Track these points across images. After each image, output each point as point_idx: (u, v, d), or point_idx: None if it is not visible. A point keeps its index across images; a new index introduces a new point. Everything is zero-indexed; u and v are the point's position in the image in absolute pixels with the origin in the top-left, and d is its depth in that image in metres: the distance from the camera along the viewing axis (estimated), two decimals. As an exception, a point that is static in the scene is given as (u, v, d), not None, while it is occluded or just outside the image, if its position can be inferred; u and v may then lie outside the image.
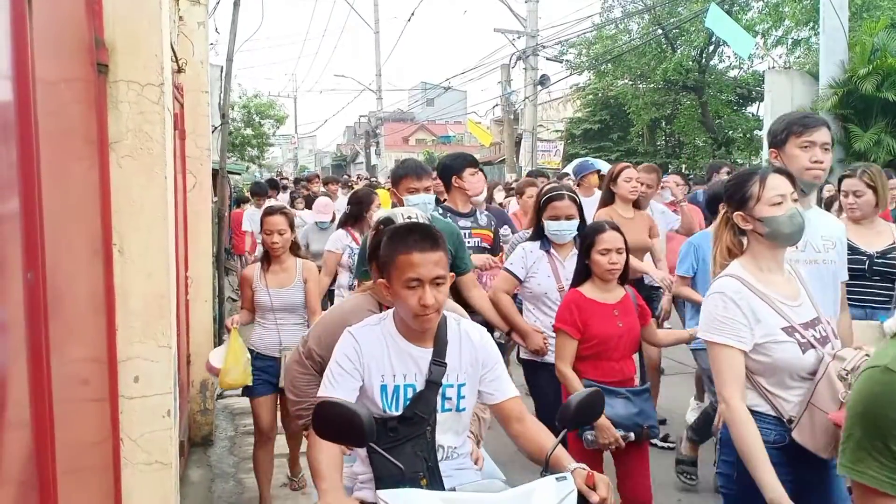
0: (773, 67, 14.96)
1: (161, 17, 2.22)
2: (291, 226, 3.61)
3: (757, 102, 19.46)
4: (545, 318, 3.34)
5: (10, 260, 1.39)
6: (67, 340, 1.80)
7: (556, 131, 24.11)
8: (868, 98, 10.09)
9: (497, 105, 19.15)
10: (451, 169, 3.75)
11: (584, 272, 2.97)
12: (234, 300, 9.22)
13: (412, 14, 19.41)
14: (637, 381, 3.00)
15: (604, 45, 18.88)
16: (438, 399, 1.88)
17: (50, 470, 1.51)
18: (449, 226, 3.41)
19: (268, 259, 3.63)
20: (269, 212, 3.63)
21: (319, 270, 4.23)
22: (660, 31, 17.95)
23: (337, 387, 1.84)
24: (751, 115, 20.08)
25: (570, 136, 22.77)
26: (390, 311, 1.95)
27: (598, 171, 5.98)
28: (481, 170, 4.20)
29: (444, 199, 6.23)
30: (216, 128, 6.05)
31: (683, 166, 19.05)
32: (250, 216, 7.80)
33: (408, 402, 1.86)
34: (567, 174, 7.56)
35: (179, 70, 3.84)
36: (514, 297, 3.59)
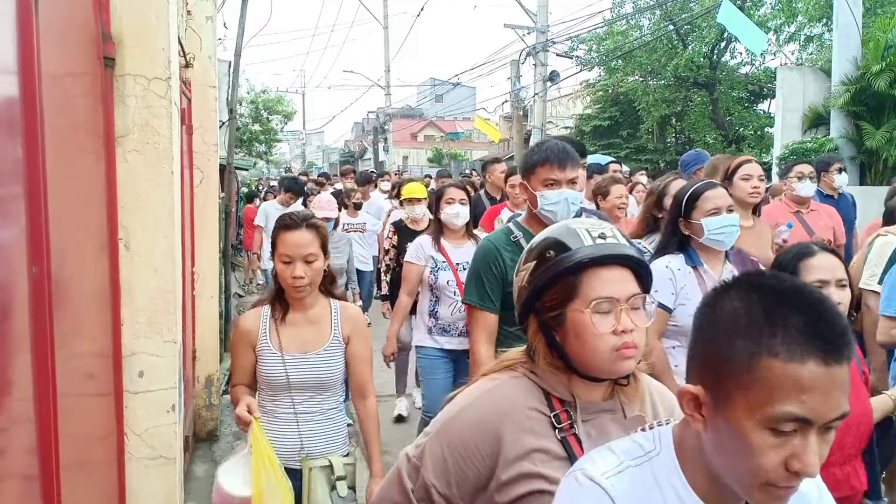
0: (786, 64, 14.83)
1: (168, 10, 2.21)
2: (325, 248, 2.19)
3: (768, 99, 19.32)
4: None
5: (16, 254, 1.39)
6: (72, 335, 1.79)
7: (566, 128, 24.03)
8: (881, 95, 9.98)
9: (506, 101, 19.07)
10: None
11: None
12: (241, 296, 9.22)
13: (421, 9, 19.35)
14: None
15: (614, 40, 18.77)
16: None
17: (53, 464, 1.51)
18: None
19: (282, 303, 2.20)
20: (289, 224, 2.17)
21: None
22: (671, 27, 17.82)
23: None
24: (762, 112, 19.93)
25: (579, 133, 22.67)
26: (662, 436, 1.00)
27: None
28: (582, 164, 3.04)
29: (484, 187, 5.62)
30: (224, 123, 6.05)
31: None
32: (265, 210, 7.15)
33: None
34: (608, 165, 6.38)
35: (187, 65, 3.83)
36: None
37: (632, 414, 1.23)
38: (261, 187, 17.43)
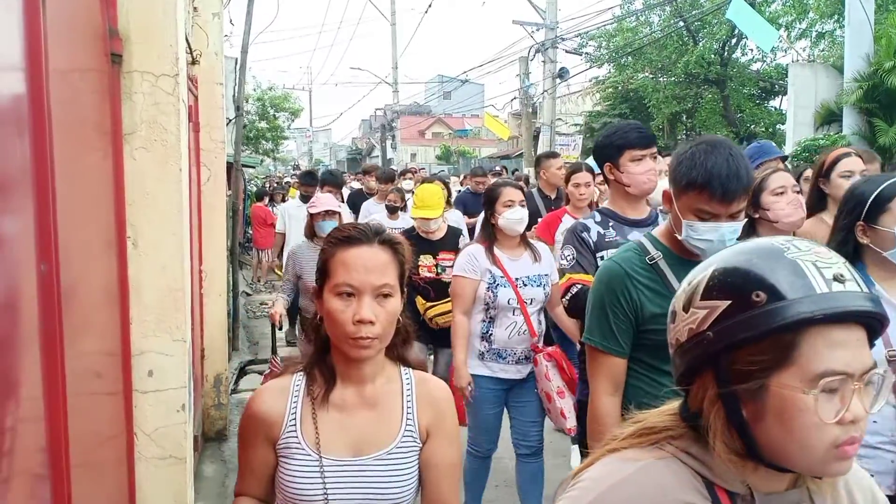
0: (797, 60, 14.72)
1: (176, 6, 2.19)
2: (403, 279, 1.40)
3: (780, 96, 19.21)
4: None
5: (24, 251, 1.37)
6: (81, 334, 1.78)
7: (575, 125, 23.96)
8: (893, 92, 9.89)
9: (515, 98, 19.01)
10: (605, 153, 2.48)
11: None
12: (249, 294, 9.25)
13: (429, 5, 19.30)
14: None
15: (624, 37, 18.70)
16: None
17: (63, 463, 1.50)
18: None
19: (326, 371, 1.40)
20: (353, 236, 1.37)
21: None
22: (681, 24, 17.72)
23: None
24: (773, 108, 19.83)
25: (589, 130, 22.60)
26: None
27: (784, 158, 4.29)
28: (658, 151, 2.64)
29: (535, 187, 4.90)
30: (230, 120, 6.05)
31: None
32: (286, 212, 6.10)
33: None
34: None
35: (194, 61, 3.82)
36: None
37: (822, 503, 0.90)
38: (267, 185, 17.36)
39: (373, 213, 6.04)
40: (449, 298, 3.81)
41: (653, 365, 1.83)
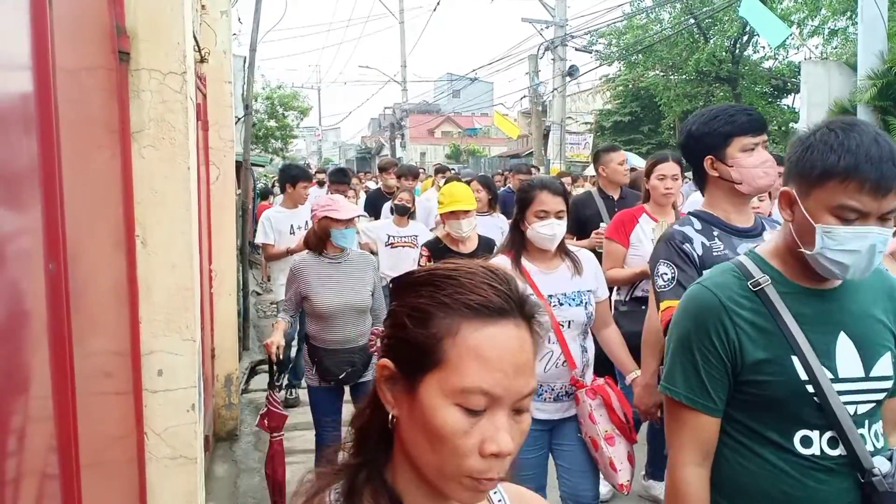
0: (810, 58, 14.58)
1: (183, 4, 2.18)
2: None
3: (792, 94, 19.05)
4: None
5: (32, 251, 1.36)
6: (90, 333, 1.77)
7: (586, 123, 23.88)
8: (909, 89, 9.77)
9: (524, 96, 18.96)
10: (705, 142, 1.97)
11: None
12: (259, 293, 9.27)
13: (438, 3, 19.27)
14: None
15: (634, 35, 18.59)
16: None
17: (73, 464, 1.49)
18: None
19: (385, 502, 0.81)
20: (492, 305, 0.77)
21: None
22: (692, 21, 17.60)
23: None
24: (786, 107, 19.66)
25: (599, 129, 22.53)
26: None
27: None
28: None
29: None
30: (239, 119, 6.06)
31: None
32: (267, 221, 4.98)
33: None
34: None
35: (202, 60, 3.82)
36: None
37: None
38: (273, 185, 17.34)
39: (389, 217, 5.20)
40: None
41: (753, 428, 1.41)
